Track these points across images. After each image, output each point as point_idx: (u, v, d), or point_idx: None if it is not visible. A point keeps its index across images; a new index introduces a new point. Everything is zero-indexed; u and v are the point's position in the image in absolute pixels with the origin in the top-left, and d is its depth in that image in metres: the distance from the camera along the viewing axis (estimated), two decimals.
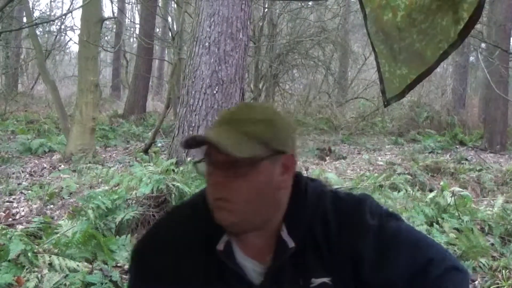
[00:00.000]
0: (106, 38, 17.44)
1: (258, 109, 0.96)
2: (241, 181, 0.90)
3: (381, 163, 7.21)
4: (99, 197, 3.74)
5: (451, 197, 4.23)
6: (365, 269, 0.90)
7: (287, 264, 0.93)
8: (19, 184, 5.15)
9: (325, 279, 0.92)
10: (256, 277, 0.95)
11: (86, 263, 2.87)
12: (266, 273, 0.94)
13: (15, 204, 4.33)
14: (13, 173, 5.70)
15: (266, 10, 10.86)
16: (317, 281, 0.92)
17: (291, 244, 0.92)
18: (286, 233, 0.93)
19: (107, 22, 15.47)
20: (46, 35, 16.72)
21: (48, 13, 19.32)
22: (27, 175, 5.72)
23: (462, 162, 7.54)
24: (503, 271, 2.95)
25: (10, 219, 3.86)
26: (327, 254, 0.92)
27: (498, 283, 2.87)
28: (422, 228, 3.57)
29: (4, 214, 3.93)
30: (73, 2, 17.29)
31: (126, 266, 2.89)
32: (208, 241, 0.96)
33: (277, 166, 0.92)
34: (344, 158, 7.85)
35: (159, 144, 8.05)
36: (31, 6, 13.46)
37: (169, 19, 15.00)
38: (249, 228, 0.95)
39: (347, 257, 0.90)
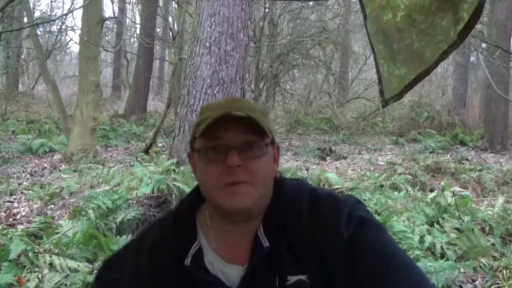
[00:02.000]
0: (106, 38, 17.46)
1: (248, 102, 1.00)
2: (257, 163, 0.90)
3: (381, 163, 7.22)
4: (100, 197, 3.75)
5: (452, 197, 4.23)
6: (335, 277, 0.86)
7: (262, 264, 0.92)
8: (19, 184, 5.15)
9: (301, 277, 0.90)
10: (237, 281, 0.94)
11: (86, 263, 2.88)
12: (243, 275, 0.93)
13: (15, 204, 4.33)
14: (14, 173, 5.70)
15: (267, 10, 10.87)
16: (293, 278, 0.90)
17: (265, 243, 0.92)
18: (263, 232, 0.93)
19: (108, 22, 15.48)
20: (47, 35, 16.77)
21: (48, 13, 19.35)
22: (28, 175, 5.72)
23: (463, 162, 7.55)
24: (504, 271, 2.95)
25: (11, 219, 3.87)
26: (301, 253, 0.90)
27: (498, 283, 2.87)
28: (423, 228, 3.57)
29: (4, 214, 3.93)
30: (74, 2, 17.28)
31: None
32: (179, 259, 0.95)
33: (272, 153, 0.96)
34: (345, 158, 7.86)
35: (160, 144, 8.06)
36: (31, 6, 13.48)
37: (170, 19, 15.04)
38: (255, 213, 0.94)
39: (320, 260, 0.88)
